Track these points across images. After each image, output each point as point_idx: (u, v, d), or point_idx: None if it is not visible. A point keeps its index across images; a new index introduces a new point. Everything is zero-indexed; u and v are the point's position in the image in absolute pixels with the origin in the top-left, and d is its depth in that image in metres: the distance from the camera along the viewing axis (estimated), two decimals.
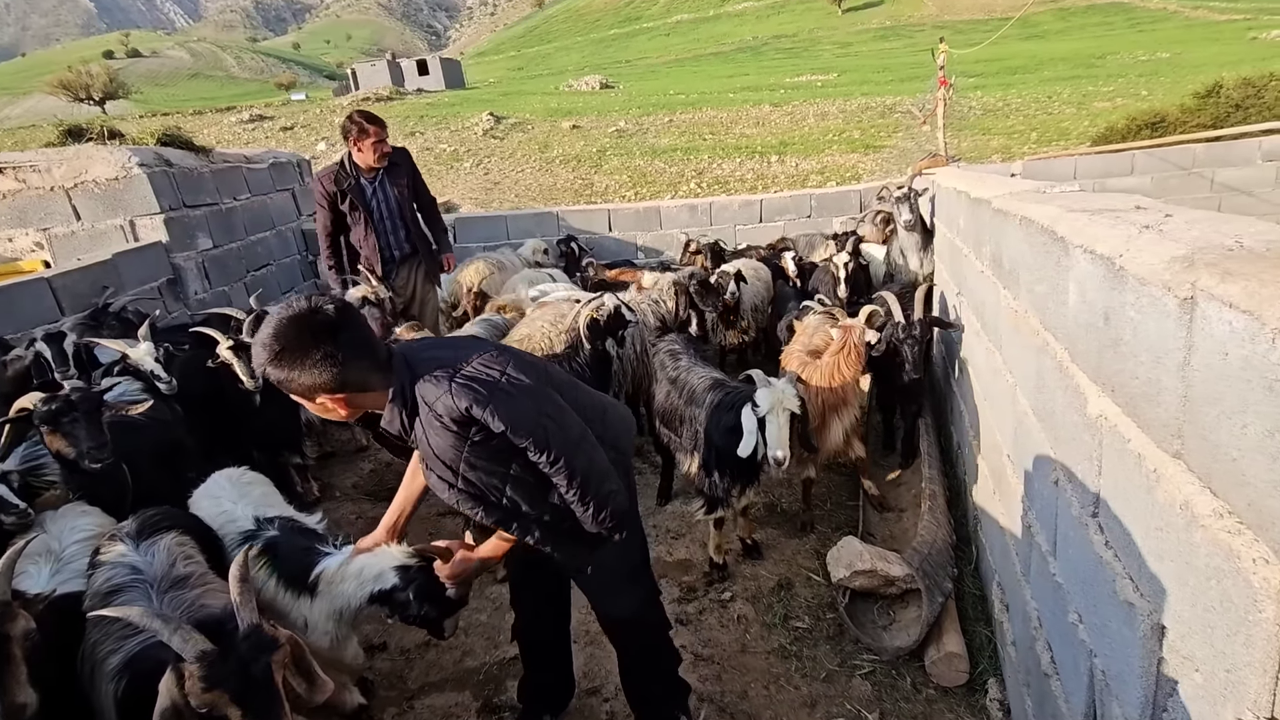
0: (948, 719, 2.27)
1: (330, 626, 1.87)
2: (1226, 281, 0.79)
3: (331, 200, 4.24)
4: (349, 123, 4.17)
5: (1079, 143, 15.01)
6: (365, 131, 4.10)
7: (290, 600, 1.85)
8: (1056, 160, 7.38)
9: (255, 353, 1.43)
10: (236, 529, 2.04)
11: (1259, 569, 0.75)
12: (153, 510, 1.89)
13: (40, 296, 3.83)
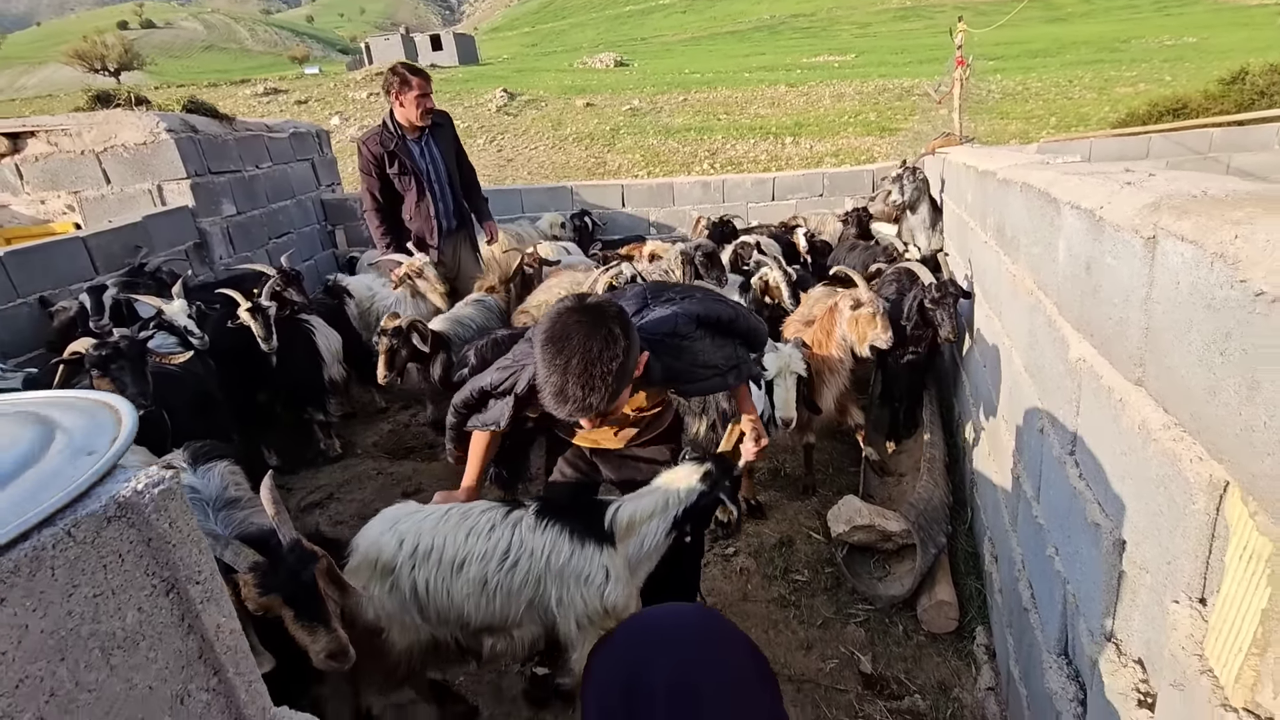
0: (936, 662, 2.41)
1: (626, 573, 1.81)
2: (1181, 219, 0.90)
3: (379, 164, 3.93)
4: (390, 75, 3.87)
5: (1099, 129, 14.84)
6: (408, 83, 3.80)
7: (590, 554, 1.78)
8: (1072, 143, 7.36)
9: (585, 393, 1.37)
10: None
11: (1194, 466, 0.87)
12: (199, 443, 2.03)
13: (76, 255, 3.98)
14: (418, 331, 3.24)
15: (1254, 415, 0.73)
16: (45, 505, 0.42)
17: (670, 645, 0.86)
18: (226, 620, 0.51)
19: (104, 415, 0.55)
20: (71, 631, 0.42)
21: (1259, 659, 0.76)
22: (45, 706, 0.41)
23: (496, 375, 1.79)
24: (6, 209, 5.07)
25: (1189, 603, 0.90)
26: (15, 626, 0.39)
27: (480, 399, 1.87)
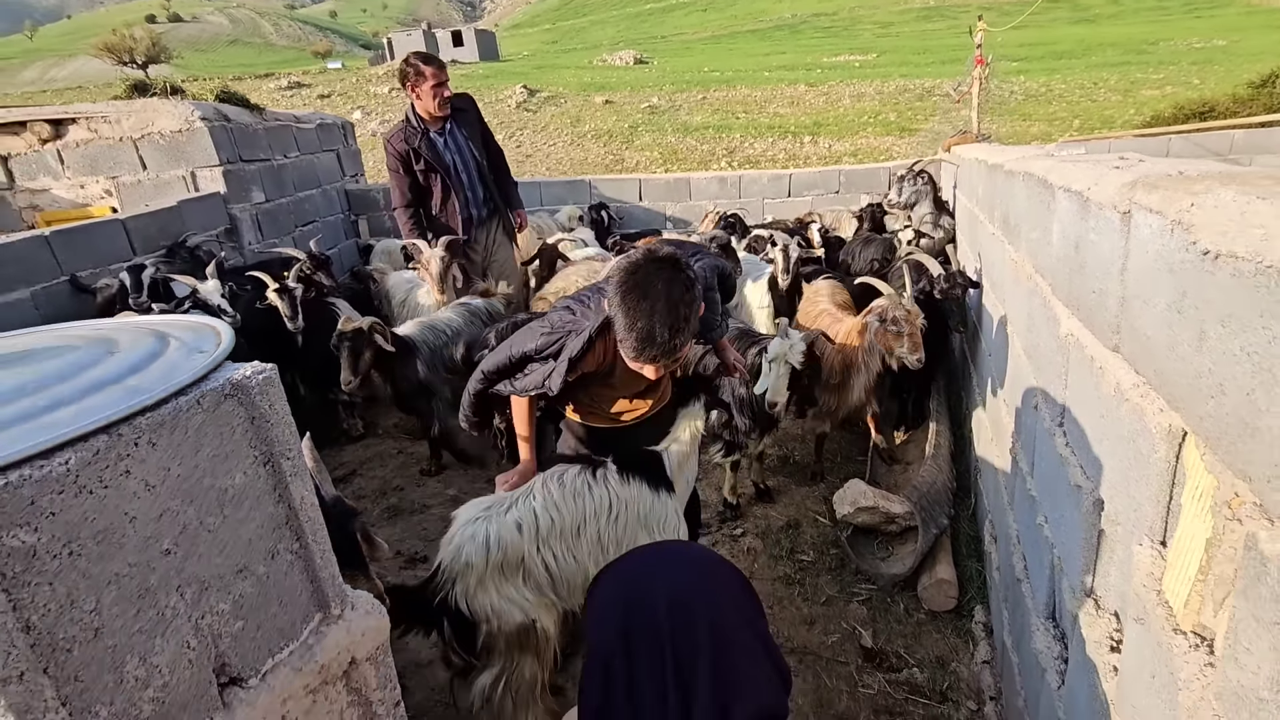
0: (935, 639, 2.48)
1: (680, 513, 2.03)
2: (1151, 193, 0.98)
3: (405, 161, 3.83)
4: (404, 66, 3.76)
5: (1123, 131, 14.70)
6: (422, 74, 3.68)
7: (665, 500, 1.95)
8: (1090, 144, 7.35)
9: (670, 335, 1.46)
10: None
11: (1156, 417, 0.95)
12: None
13: (115, 236, 4.15)
14: (379, 333, 3.16)
15: (1201, 363, 0.82)
16: (180, 376, 0.52)
17: (668, 567, 0.95)
18: (308, 495, 0.62)
19: (206, 330, 0.66)
20: (198, 481, 0.53)
21: (1202, 584, 0.84)
22: (178, 536, 0.52)
23: (541, 339, 1.80)
24: (48, 193, 5.27)
25: (1151, 544, 0.99)
26: (162, 467, 0.50)
27: (519, 363, 1.87)
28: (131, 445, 0.48)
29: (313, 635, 0.64)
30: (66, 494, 0.44)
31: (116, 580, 0.47)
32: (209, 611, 0.54)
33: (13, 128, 5.11)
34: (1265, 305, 0.67)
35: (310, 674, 0.63)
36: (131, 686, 0.48)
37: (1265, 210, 0.71)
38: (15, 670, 0.40)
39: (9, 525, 0.41)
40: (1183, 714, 0.83)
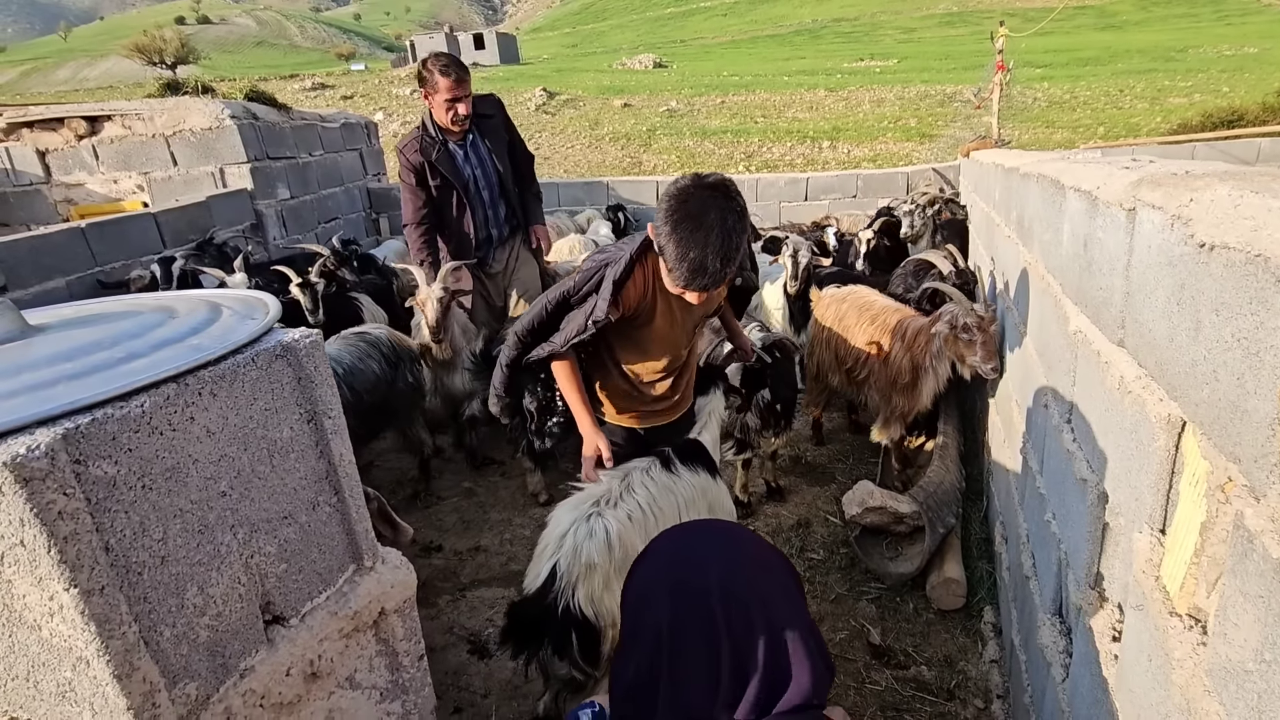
0: (943, 638, 2.50)
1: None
2: (1155, 190, 1.01)
3: (420, 174, 3.36)
4: (421, 68, 3.29)
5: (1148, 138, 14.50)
6: (435, 84, 3.20)
7: (720, 485, 2.03)
8: (1114, 151, 7.29)
9: (722, 265, 1.48)
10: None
11: (1156, 407, 0.98)
12: None
13: (147, 229, 4.29)
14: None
15: (1197, 352, 0.85)
16: (237, 337, 0.58)
17: (720, 549, 0.94)
18: (346, 453, 0.67)
19: (256, 301, 0.72)
20: (252, 431, 0.58)
21: (1196, 567, 0.87)
22: (234, 479, 0.57)
23: (577, 279, 1.75)
24: (82, 187, 5.45)
25: (1150, 532, 1.02)
26: (221, 416, 0.55)
27: (555, 312, 1.79)
28: (196, 394, 0.53)
29: (347, 584, 0.69)
30: (141, 433, 0.49)
31: (180, 515, 0.52)
32: (257, 552, 0.59)
33: (51, 124, 5.28)
34: (1254, 292, 0.70)
35: (344, 619, 0.68)
36: (191, 612, 0.53)
37: (1256, 203, 0.74)
38: (98, 584, 0.45)
39: (95, 457, 0.46)
40: (1175, 692, 0.86)
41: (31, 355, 0.55)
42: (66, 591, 0.44)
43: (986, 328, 2.59)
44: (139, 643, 0.49)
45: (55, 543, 0.43)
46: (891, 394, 3.02)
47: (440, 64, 3.22)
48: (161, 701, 0.51)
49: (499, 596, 2.86)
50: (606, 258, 1.76)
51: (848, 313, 3.39)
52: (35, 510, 0.42)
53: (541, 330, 1.83)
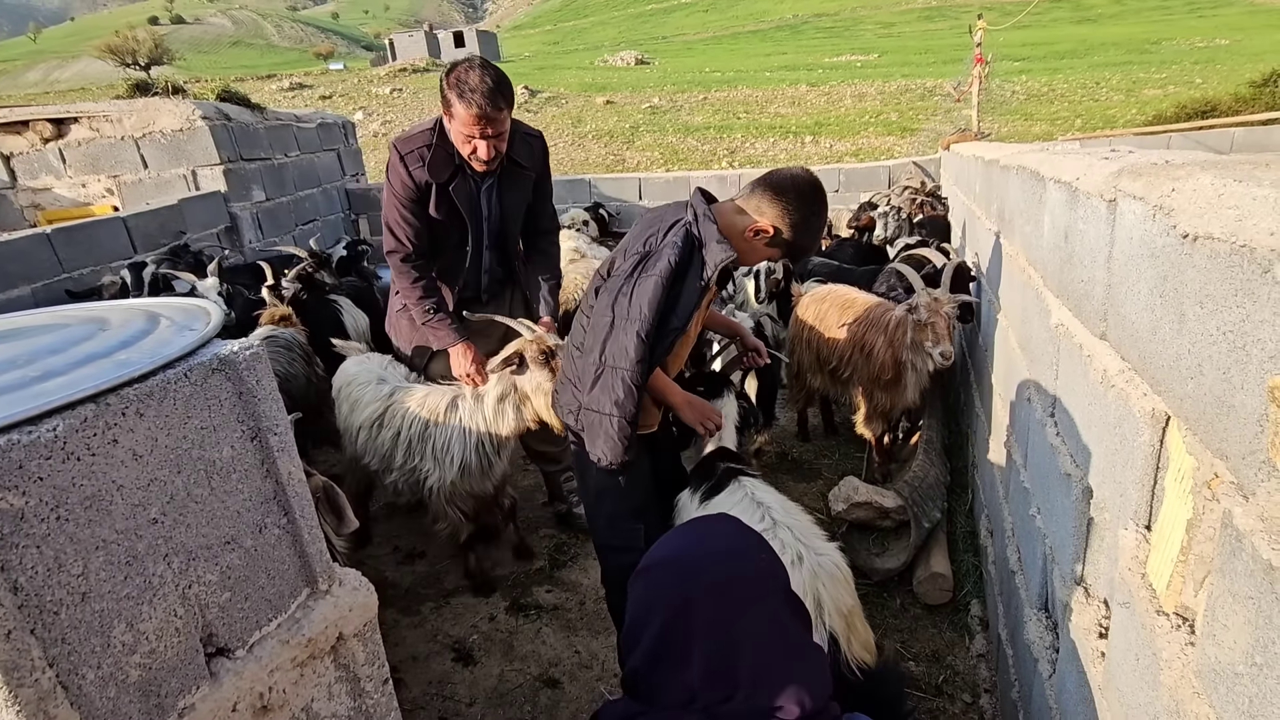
0: (931, 633, 2.49)
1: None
2: (1135, 180, 0.99)
3: (420, 196, 2.43)
4: (445, 80, 2.25)
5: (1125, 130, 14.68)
6: (451, 111, 2.26)
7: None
8: (1091, 142, 7.35)
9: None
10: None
11: (1140, 401, 0.96)
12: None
13: (117, 234, 4.18)
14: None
15: (1181, 345, 0.83)
16: (169, 351, 0.53)
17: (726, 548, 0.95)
18: (295, 470, 0.63)
19: (196, 310, 0.67)
20: (186, 452, 0.54)
21: (1184, 565, 0.85)
22: (166, 505, 0.53)
23: (671, 252, 1.66)
24: (50, 192, 5.31)
25: (1136, 529, 1.00)
26: (149, 437, 0.51)
27: (672, 280, 1.66)
28: (119, 415, 0.49)
29: (300, 609, 0.65)
30: (54, 459, 0.45)
31: (104, 546, 0.48)
32: (196, 581, 0.55)
33: (15, 127, 5.14)
34: (1239, 284, 0.68)
35: (297, 647, 0.64)
36: (119, 651, 0.49)
37: (1240, 192, 0.72)
38: (3, 629, 0.41)
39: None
40: (1164, 694, 0.84)
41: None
42: None
43: (939, 310, 2.57)
44: (55, 688, 0.44)
45: None
46: (874, 390, 3.01)
47: (461, 85, 2.19)
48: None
49: (483, 603, 2.82)
50: (675, 239, 1.68)
51: (828, 311, 3.37)
52: None
53: (661, 314, 1.69)
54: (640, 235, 1.77)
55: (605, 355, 1.69)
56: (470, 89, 2.18)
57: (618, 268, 1.75)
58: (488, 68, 2.22)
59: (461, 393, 2.45)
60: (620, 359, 1.66)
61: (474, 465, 2.36)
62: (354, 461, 2.69)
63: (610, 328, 1.68)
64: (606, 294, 1.72)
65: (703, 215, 1.68)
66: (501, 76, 2.25)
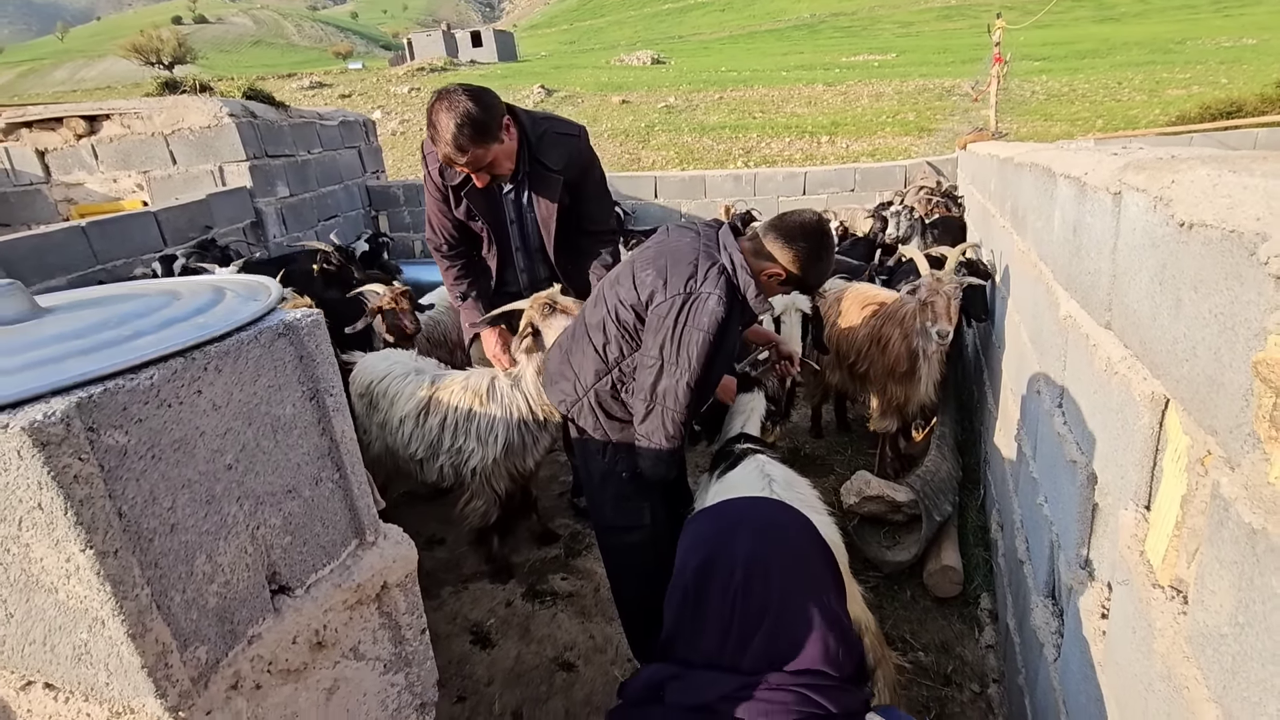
0: (940, 624, 2.52)
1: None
2: (1139, 174, 1.03)
3: (443, 197, 2.51)
4: (427, 114, 2.22)
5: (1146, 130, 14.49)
6: (432, 137, 2.21)
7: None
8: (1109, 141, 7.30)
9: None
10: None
11: (1141, 385, 1.00)
12: None
13: (148, 228, 4.30)
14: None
15: (1178, 329, 0.87)
16: (240, 317, 0.60)
17: (757, 524, 1.04)
18: (348, 430, 0.69)
19: (258, 285, 0.74)
20: (255, 407, 0.60)
21: (1178, 539, 0.89)
22: (239, 453, 0.59)
23: (717, 306, 1.72)
24: (82, 186, 5.46)
25: (1135, 508, 1.04)
26: (226, 391, 0.57)
27: (719, 333, 1.75)
28: (202, 369, 0.55)
29: (351, 557, 0.71)
30: (150, 404, 0.51)
31: (189, 485, 0.54)
32: (263, 524, 0.61)
33: (49, 124, 5.30)
34: (1229, 267, 0.72)
35: (348, 591, 0.70)
36: (200, 579, 0.55)
37: (1233, 181, 0.76)
38: (112, 546, 0.47)
39: (107, 425, 0.48)
40: (1157, 661, 0.88)
41: (41, 333, 0.57)
42: (83, 553, 0.47)
43: (938, 289, 2.61)
44: (151, 605, 0.51)
45: (71, 506, 0.46)
46: (889, 384, 3.04)
47: (432, 129, 2.17)
48: (174, 663, 0.53)
49: (500, 588, 2.89)
50: (707, 274, 1.78)
51: (848, 308, 3.40)
52: (53, 474, 0.44)
53: (697, 402, 1.86)
54: (677, 267, 1.79)
55: (656, 394, 1.81)
56: (438, 134, 2.15)
57: (656, 302, 1.78)
58: (457, 107, 2.11)
59: (499, 375, 2.53)
60: (670, 400, 1.80)
61: (517, 443, 2.47)
62: (387, 454, 2.76)
63: (659, 371, 1.79)
64: (652, 333, 1.79)
65: (740, 266, 1.78)
66: (473, 116, 2.12)
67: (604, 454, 2.05)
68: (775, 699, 0.88)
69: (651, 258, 1.87)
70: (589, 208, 2.65)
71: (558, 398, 2.09)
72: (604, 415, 2.01)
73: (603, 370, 1.97)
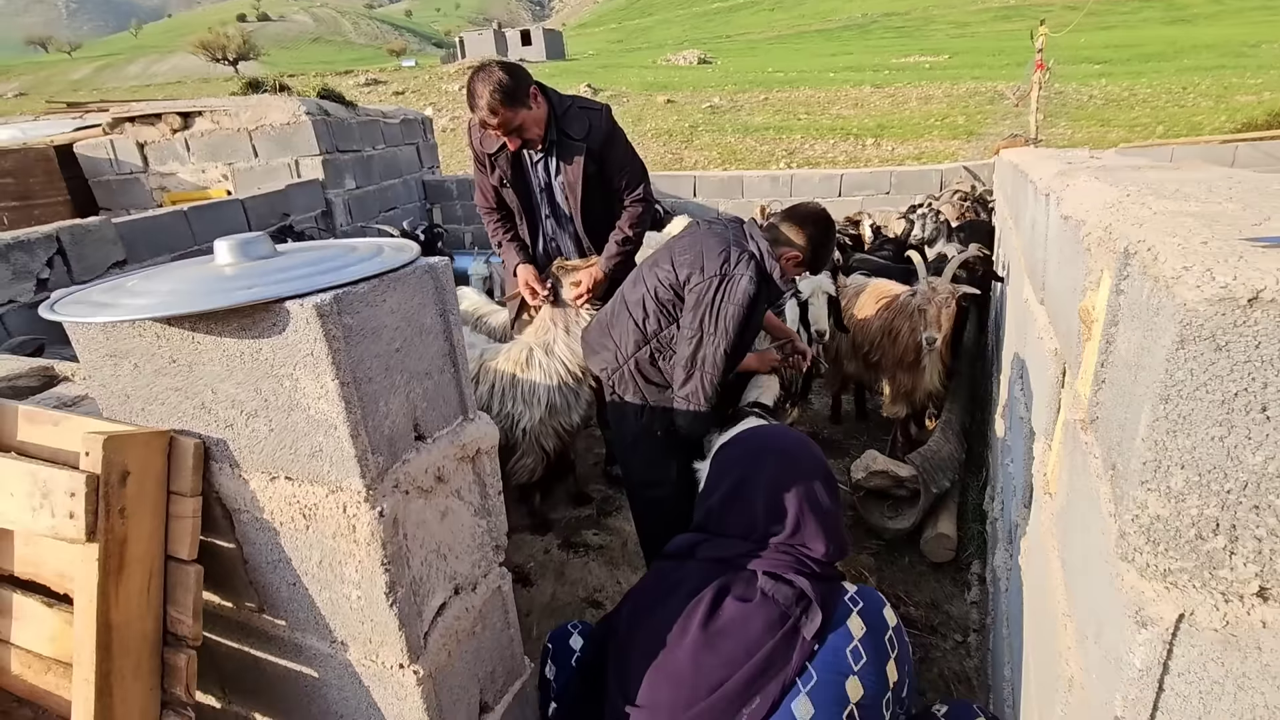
0: (932, 586, 2.78)
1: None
2: (1059, 180, 1.31)
3: (480, 162, 2.89)
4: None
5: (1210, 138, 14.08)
6: (471, 105, 2.57)
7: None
8: (1151, 150, 7.27)
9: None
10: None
11: (1049, 343, 1.28)
12: None
13: (236, 214, 4.82)
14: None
15: (1063, 296, 1.15)
16: (402, 259, 0.94)
17: (784, 441, 1.37)
18: (460, 339, 1.03)
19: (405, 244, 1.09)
20: (411, 315, 0.94)
21: (1058, 456, 1.18)
22: (402, 343, 0.93)
23: (748, 284, 2.05)
24: (174, 176, 6.06)
25: (1044, 441, 1.32)
26: (398, 303, 0.91)
27: (750, 307, 2.08)
28: (387, 286, 0.90)
29: (459, 425, 1.06)
30: (363, 304, 0.86)
31: (378, 356, 0.89)
32: (412, 391, 0.96)
33: (150, 119, 5.90)
34: (1075, 246, 1.01)
35: (457, 448, 1.04)
36: (380, 415, 0.90)
37: (1094, 187, 1.05)
38: (348, 379, 0.82)
39: (346, 311, 0.83)
40: (1034, 542, 1.17)
41: (288, 264, 0.93)
42: (333, 381, 0.81)
43: (931, 298, 2.86)
44: (361, 421, 0.85)
45: (330, 354, 0.80)
46: (898, 373, 3.30)
47: (470, 96, 2.54)
48: (368, 460, 0.88)
49: (539, 539, 3.25)
50: (739, 258, 2.11)
51: (865, 302, 3.67)
52: (323, 333, 0.79)
53: (730, 364, 2.17)
54: (711, 254, 2.13)
55: (696, 360, 2.15)
56: (475, 100, 2.50)
57: (694, 282, 2.13)
58: (491, 76, 2.47)
59: (534, 346, 2.87)
60: (709, 365, 2.13)
61: (560, 403, 2.80)
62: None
63: (699, 341, 2.13)
64: (691, 309, 2.14)
65: (767, 253, 2.11)
66: (503, 83, 2.47)
67: (640, 415, 2.39)
68: (778, 558, 1.20)
69: (688, 245, 2.21)
70: (616, 174, 2.88)
71: (599, 365, 2.43)
72: (643, 380, 2.35)
73: (641, 341, 2.31)
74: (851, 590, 1.22)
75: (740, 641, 1.13)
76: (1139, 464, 0.57)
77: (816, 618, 1.11)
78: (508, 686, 1.26)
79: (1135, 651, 0.57)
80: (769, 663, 1.10)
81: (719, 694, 1.11)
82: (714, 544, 1.26)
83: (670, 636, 1.18)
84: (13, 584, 1.08)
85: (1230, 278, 0.50)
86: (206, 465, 0.97)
